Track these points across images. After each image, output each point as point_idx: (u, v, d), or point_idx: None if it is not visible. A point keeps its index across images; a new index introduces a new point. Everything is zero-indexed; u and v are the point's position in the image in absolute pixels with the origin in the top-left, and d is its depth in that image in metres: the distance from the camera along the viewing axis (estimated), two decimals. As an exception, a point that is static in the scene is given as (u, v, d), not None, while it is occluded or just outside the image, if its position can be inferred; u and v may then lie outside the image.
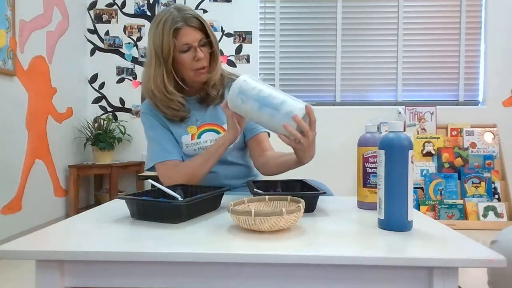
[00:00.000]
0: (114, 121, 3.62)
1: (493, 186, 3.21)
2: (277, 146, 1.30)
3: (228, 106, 1.08)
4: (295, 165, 1.18)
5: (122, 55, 3.68)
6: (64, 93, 3.28)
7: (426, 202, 3.19)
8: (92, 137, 3.44)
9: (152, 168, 1.29)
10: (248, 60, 3.65)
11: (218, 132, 1.31)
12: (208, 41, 1.23)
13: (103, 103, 3.71)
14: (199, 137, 1.30)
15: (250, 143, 1.35)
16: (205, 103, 1.32)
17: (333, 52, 3.69)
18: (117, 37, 3.69)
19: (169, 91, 1.22)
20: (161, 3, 3.66)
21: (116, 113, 3.70)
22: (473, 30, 3.62)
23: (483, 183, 3.21)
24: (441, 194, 3.22)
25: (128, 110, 3.69)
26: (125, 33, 3.68)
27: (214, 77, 1.27)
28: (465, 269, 2.00)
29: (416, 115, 3.51)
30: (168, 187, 1.04)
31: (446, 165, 3.32)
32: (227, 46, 3.64)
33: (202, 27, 1.21)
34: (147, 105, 1.31)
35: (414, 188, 3.22)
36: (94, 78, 3.70)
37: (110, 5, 3.68)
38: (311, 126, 1.03)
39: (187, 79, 1.26)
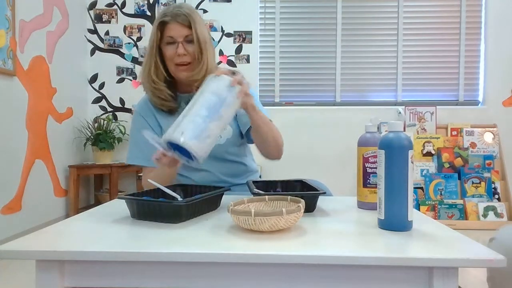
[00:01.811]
0: (114, 121, 3.62)
1: (493, 186, 3.21)
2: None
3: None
4: (257, 128, 1.18)
5: (122, 55, 3.68)
6: (64, 93, 3.28)
7: (426, 202, 3.19)
8: (92, 137, 3.44)
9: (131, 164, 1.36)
10: (248, 60, 3.65)
11: None
12: (197, 40, 1.25)
13: (103, 103, 3.71)
14: None
15: (250, 134, 1.32)
16: None
17: (333, 52, 3.69)
18: (117, 37, 3.69)
19: (154, 80, 1.28)
20: (161, 3, 3.66)
21: (116, 113, 3.70)
22: (473, 30, 3.62)
23: (483, 183, 3.21)
24: (441, 194, 3.22)
25: (128, 110, 3.69)
26: (125, 33, 3.68)
27: (195, 76, 1.27)
28: (465, 269, 2.00)
29: (416, 115, 3.51)
30: (168, 187, 1.04)
31: (446, 165, 3.32)
32: (227, 46, 3.64)
33: (190, 26, 1.24)
34: (141, 102, 1.37)
35: (414, 188, 3.22)
36: (94, 78, 3.70)
37: (110, 5, 3.68)
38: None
39: (171, 72, 1.30)
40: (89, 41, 3.69)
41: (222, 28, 3.61)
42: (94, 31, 3.69)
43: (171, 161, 1.03)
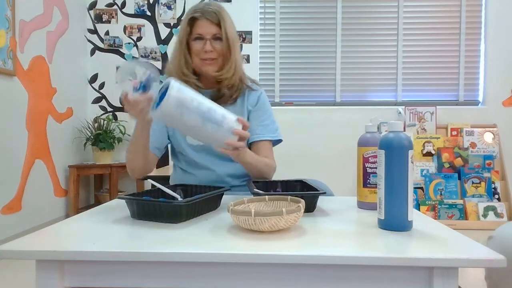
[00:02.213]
0: (114, 121, 3.62)
1: (493, 186, 3.21)
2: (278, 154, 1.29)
3: (150, 115, 1.03)
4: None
5: (122, 55, 3.68)
6: (64, 93, 3.28)
7: (426, 202, 3.19)
8: (92, 137, 3.44)
9: None
10: (248, 60, 3.65)
11: None
12: (226, 38, 1.29)
13: (103, 103, 3.71)
14: None
15: (251, 147, 1.37)
16: (216, 101, 1.34)
17: (333, 52, 3.69)
18: (117, 37, 3.69)
19: (184, 72, 1.32)
20: (161, 3, 3.66)
21: (116, 113, 3.70)
22: (473, 30, 3.62)
23: (483, 183, 3.21)
24: (441, 194, 3.22)
25: (128, 110, 3.69)
26: (125, 33, 3.68)
27: (225, 75, 1.32)
28: (465, 269, 2.00)
29: (416, 115, 3.51)
30: (168, 187, 1.04)
31: (446, 165, 3.32)
32: (227, 46, 3.64)
33: (219, 24, 1.28)
34: None
35: (414, 188, 3.22)
36: (94, 78, 3.70)
37: (110, 5, 3.68)
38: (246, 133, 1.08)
39: (196, 67, 1.33)
40: (89, 41, 3.69)
41: (222, 28, 3.60)
42: (94, 31, 3.69)
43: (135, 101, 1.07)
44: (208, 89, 1.36)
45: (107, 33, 3.69)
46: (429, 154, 3.40)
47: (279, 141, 1.43)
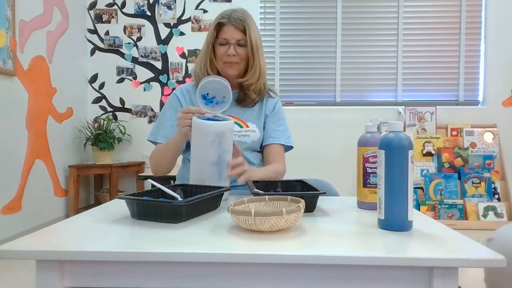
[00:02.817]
0: (114, 121, 3.62)
1: (493, 186, 3.21)
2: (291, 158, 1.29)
3: (189, 123, 1.14)
4: None
5: (122, 55, 3.68)
6: (64, 93, 3.28)
7: (426, 202, 3.19)
8: (92, 137, 3.44)
9: (151, 142, 1.46)
10: (248, 60, 3.64)
11: (241, 126, 1.42)
12: (250, 45, 1.36)
13: (103, 103, 3.71)
14: None
15: (264, 149, 1.47)
16: (240, 103, 1.44)
17: (333, 52, 3.69)
18: (117, 37, 3.68)
19: (208, 73, 1.39)
20: (161, 3, 3.66)
21: (116, 113, 3.70)
22: (473, 30, 3.62)
23: (483, 183, 3.21)
24: (441, 194, 3.22)
25: (128, 110, 3.69)
26: (125, 33, 3.68)
27: (250, 80, 1.39)
28: (465, 269, 2.00)
29: (416, 115, 3.51)
30: (168, 187, 1.04)
31: (446, 165, 3.32)
32: (227, 46, 3.64)
33: (244, 30, 1.35)
34: (183, 87, 1.48)
35: (414, 188, 3.22)
36: (94, 78, 3.70)
37: (110, 5, 3.68)
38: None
39: (219, 69, 1.41)
40: (89, 41, 3.69)
41: (222, 28, 3.60)
42: (94, 31, 3.69)
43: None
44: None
45: (107, 33, 3.68)
46: (429, 154, 3.40)
47: (290, 147, 1.50)
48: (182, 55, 3.66)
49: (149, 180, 1.26)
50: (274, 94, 1.52)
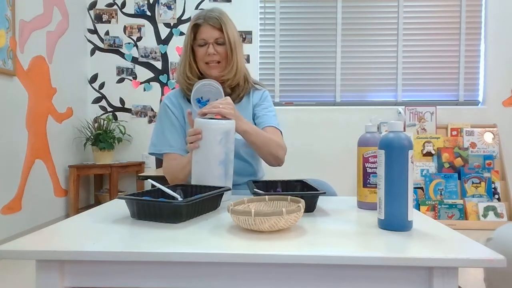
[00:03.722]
0: (114, 121, 3.62)
1: (493, 186, 3.21)
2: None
3: (193, 122, 1.15)
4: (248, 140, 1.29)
5: (122, 55, 3.68)
6: (64, 93, 3.28)
7: (426, 202, 3.19)
8: (92, 137, 3.44)
9: (152, 154, 1.45)
10: (248, 60, 3.65)
11: None
12: (228, 42, 1.36)
13: (103, 103, 3.71)
14: None
15: None
16: None
17: (333, 52, 3.69)
18: (117, 37, 3.68)
19: (188, 77, 1.39)
20: (161, 3, 3.66)
21: (116, 113, 3.70)
22: (473, 30, 3.62)
23: (483, 183, 3.21)
24: (441, 194, 3.22)
25: (128, 110, 3.69)
26: (125, 33, 3.68)
27: (227, 76, 1.39)
28: (465, 269, 2.00)
29: (416, 115, 3.51)
30: (168, 187, 1.04)
31: (446, 165, 3.32)
32: (227, 46, 3.63)
33: (221, 28, 1.35)
34: (170, 95, 1.47)
35: (414, 188, 3.22)
36: (94, 78, 3.70)
37: (110, 5, 3.68)
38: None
39: (201, 70, 1.41)
40: (89, 41, 3.69)
41: (222, 28, 3.60)
42: (94, 31, 3.69)
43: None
44: None
45: (107, 33, 3.68)
46: (429, 154, 3.40)
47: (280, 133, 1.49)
48: (182, 55, 3.66)
49: (149, 180, 1.26)
50: (260, 86, 1.53)
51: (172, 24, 3.66)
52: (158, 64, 3.67)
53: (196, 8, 3.64)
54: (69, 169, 3.28)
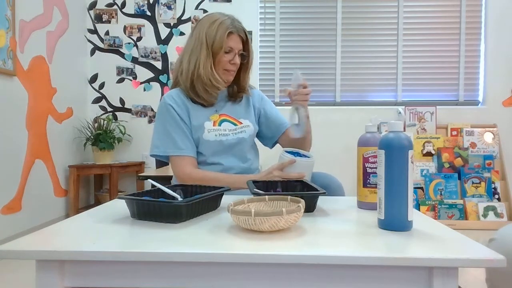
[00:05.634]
0: (114, 121, 3.62)
1: (493, 186, 3.21)
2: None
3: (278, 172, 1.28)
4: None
5: (122, 55, 3.68)
6: (64, 93, 3.28)
7: (426, 202, 3.19)
8: (92, 137, 3.44)
9: (156, 156, 1.40)
10: (248, 60, 3.64)
11: (235, 124, 1.45)
12: (247, 55, 1.45)
13: (103, 103, 3.71)
14: (220, 124, 1.43)
15: (284, 136, 1.57)
16: (230, 98, 1.51)
17: (333, 52, 3.69)
18: (117, 37, 3.68)
19: (215, 78, 1.39)
20: (161, 3, 3.66)
21: (116, 113, 3.70)
22: (473, 30, 3.62)
23: (483, 183, 3.21)
24: (441, 194, 3.22)
25: (128, 110, 3.69)
26: (125, 33, 3.68)
27: (241, 83, 1.49)
28: (465, 269, 2.00)
29: (416, 115, 3.51)
30: (168, 187, 1.04)
31: (446, 165, 3.32)
32: (227, 46, 3.64)
33: (246, 42, 1.43)
34: (172, 95, 1.42)
35: (414, 188, 3.22)
36: (94, 78, 3.70)
37: (110, 5, 3.68)
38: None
39: (217, 73, 1.42)
40: (89, 41, 3.69)
41: (222, 28, 3.60)
42: (94, 31, 3.69)
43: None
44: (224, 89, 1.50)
45: (107, 33, 3.68)
46: (429, 154, 3.40)
47: None
48: (182, 55, 3.66)
49: (149, 180, 1.26)
50: (252, 86, 1.60)
51: (172, 24, 3.66)
52: (158, 64, 3.67)
53: (196, 8, 3.64)
54: (69, 169, 3.28)
